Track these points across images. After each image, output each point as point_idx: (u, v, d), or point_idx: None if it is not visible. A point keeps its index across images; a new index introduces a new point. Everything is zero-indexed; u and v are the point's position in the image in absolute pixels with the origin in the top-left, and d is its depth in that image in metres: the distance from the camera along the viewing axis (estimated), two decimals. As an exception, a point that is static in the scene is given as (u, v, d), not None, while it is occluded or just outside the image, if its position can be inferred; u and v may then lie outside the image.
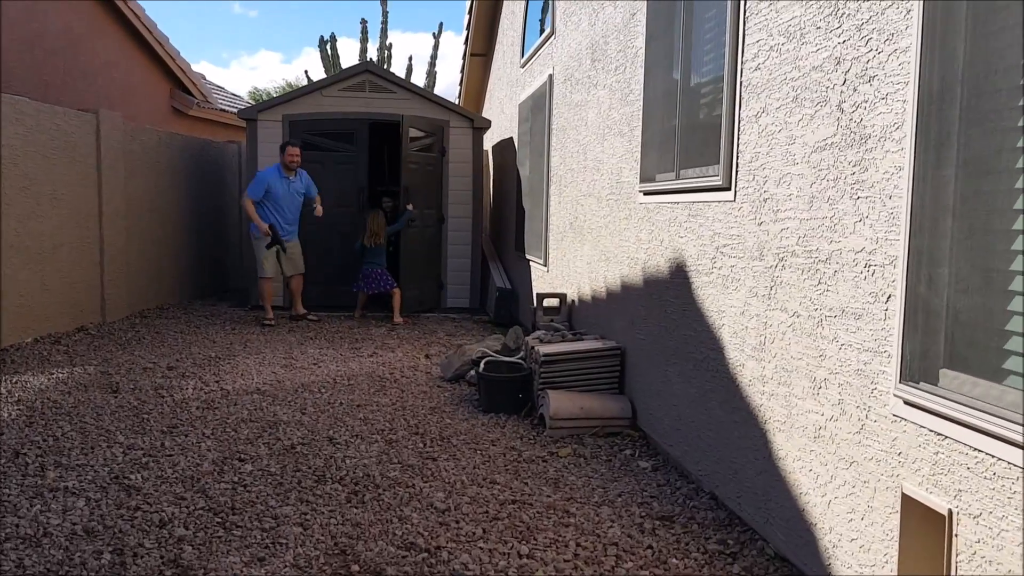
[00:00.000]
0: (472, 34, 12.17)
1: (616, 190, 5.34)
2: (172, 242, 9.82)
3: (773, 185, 3.24)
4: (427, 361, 6.94)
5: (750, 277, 3.43)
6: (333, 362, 6.78)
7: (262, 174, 8.59)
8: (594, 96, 5.94)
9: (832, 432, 2.80)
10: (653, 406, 4.64)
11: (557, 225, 7.13)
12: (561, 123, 6.98)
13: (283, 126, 9.51)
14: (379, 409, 5.30)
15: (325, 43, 18.59)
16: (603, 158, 5.66)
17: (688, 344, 4.11)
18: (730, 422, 3.63)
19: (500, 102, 11.15)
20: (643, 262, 4.78)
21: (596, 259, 5.83)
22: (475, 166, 9.86)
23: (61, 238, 7.52)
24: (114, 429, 4.70)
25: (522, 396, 5.31)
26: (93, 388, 5.63)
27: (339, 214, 9.67)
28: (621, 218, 5.21)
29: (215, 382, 5.92)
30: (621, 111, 5.27)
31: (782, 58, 3.19)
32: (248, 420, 4.97)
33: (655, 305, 4.59)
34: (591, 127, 6.00)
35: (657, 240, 4.54)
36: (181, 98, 13.47)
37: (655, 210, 4.58)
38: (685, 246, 4.14)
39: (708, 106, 3.93)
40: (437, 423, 5.03)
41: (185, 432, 4.68)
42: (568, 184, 6.71)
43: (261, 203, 8.51)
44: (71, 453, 4.26)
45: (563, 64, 6.95)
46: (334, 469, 4.13)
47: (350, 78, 9.64)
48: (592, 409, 4.86)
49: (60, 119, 7.49)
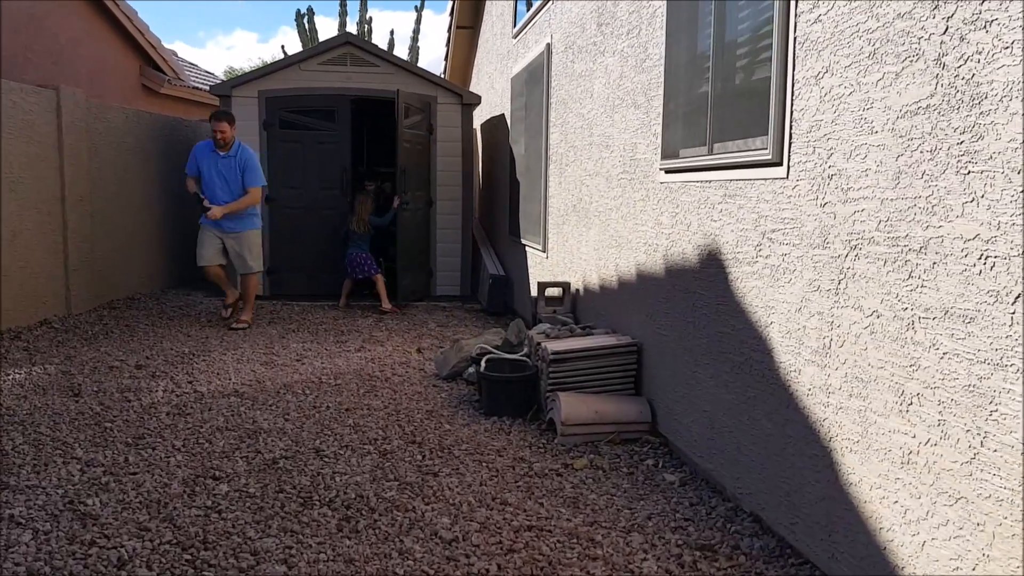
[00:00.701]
0: (458, 4, 11.55)
1: (630, 168, 4.83)
2: (142, 227, 9.20)
3: (841, 159, 2.73)
4: (419, 356, 6.42)
5: (809, 268, 2.94)
6: (318, 358, 6.25)
7: (194, 148, 7.58)
8: (601, 65, 5.40)
9: (928, 460, 2.31)
10: (678, 411, 4.15)
11: (557, 208, 6.61)
12: (561, 96, 6.45)
13: (259, 103, 8.90)
14: (370, 413, 4.78)
15: (302, 17, 17.88)
16: (613, 133, 5.14)
17: (724, 343, 3.62)
18: (781, 436, 3.14)
19: (490, 77, 10.58)
20: (664, 249, 4.28)
21: (605, 245, 5.32)
22: (464, 145, 9.31)
23: (19, 224, 6.90)
24: (72, 441, 4.15)
25: (528, 397, 4.82)
26: (52, 391, 5.07)
27: (322, 197, 9.11)
28: (636, 200, 4.70)
29: (188, 383, 5.37)
30: (636, 80, 4.74)
31: (852, 6, 2.67)
32: (224, 428, 4.43)
33: (680, 298, 4.10)
34: (598, 99, 5.47)
35: (683, 224, 4.03)
36: (152, 75, 12.78)
37: (680, 190, 4.07)
38: (720, 231, 3.63)
39: (750, 68, 3.41)
40: (436, 430, 4.52)
41: (152, 444, 4.14)
42: (570, 163, 6.18)
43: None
44: (21, 471, 3.72)
45: (563, 31, 6.40)
46: (322, 489, 3.61)
47: (330, 51, 9.04)
48: (608, 413, 4.37)
49: (16, 95, 6.85)
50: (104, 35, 11.52)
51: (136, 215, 9.04)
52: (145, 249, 9.30)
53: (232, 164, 7.32)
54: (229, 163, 7.31)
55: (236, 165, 7.32)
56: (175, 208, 9.84)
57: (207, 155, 7.35)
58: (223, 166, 7.32)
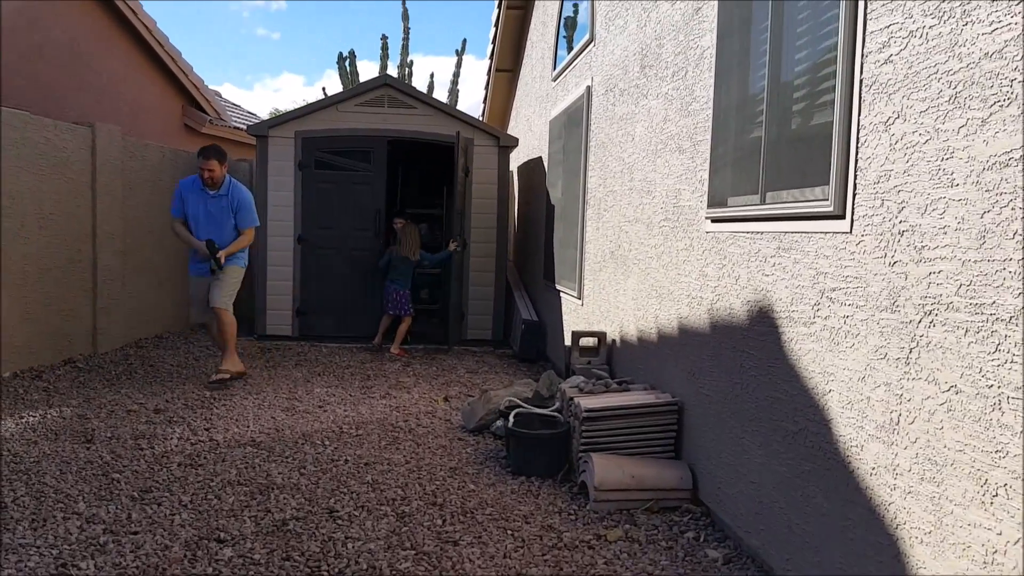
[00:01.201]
0: (498, 47, 11.46)
1: (673, 216, 4.56)
2: (174, 266, 9.10)
3: (915, 213, 2.44)
4: (446, 405, 6.14)
5: (875, 333, 2.62)
6: (341, 405, 6.00)
7: (179, 185, 6.62)
8: (643, 107, 5.17)
9: (1018, 562, 1.97)
10: (722, 479, 3.82)
11: (594, 254, 6.34)
12: (601, 139, 6.22)
13: (295, 143, 8.81)
14: (390, 469, 4.51)
15: (344, 60, 18.00)
16: (655, 178, 4.88)
17: (775, 409, 3.30)
18: (839, 517, 2.80)
19: (528, 119, 10.42)
20: (710, 303, 3.98)
21: (644, 294, 5.03)
22: (500, 187, 9.12)
23: (48, 262, 6.82)
24: (76, 493, 3.93)
25: (559, 456, 4.51)
26: (64, 436, 4.88)
27: (354, 238, 8.95)
28: (679, 249, 4.42)
29: (205, 430, 5.15)
30: (680, 123, 4.49)
31: (929, 45, 2.40)
32: (236, 482, 4.19)
33: (727, 356, 3.79)
34: (639, 143, 5.23)
35: (731, 277, 3.74)
36: (194, 115, 12.85)
37: (728, 241, 3.78)
38: (773, 287, 3.34)
39: (808, 112, 3.14)
40: (459, 489, 4.23)
41: (159, 499, 3.91)
42: (609, 208, 5.93)
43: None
44: (18, 528, 3.50)
45: (604, 73, 6.20)
46: (332, 557, 3.33)
47: (368, 92, 8.94)
48: (645, 478, 4.05)
49: (50, 132, 6.82)
50: (147, 74, 11.61)
51: (168, 254, 8.95)
52: (176, 288, 9.20)
53: (224, 204, 6.52)
54: (220, 203, 6.50)
55: (228, 205, 6.54)
56: (208, 246, 9.76)
57: (195, 194, 6.50)
58: (213, 206, 6.49)
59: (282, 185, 8.81)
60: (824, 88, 2.99)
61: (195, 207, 6.47)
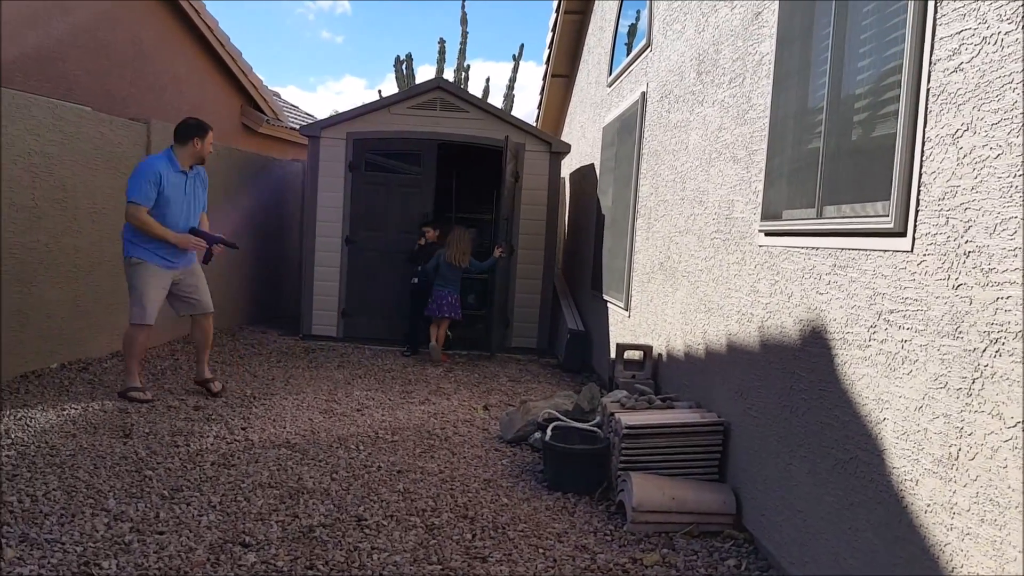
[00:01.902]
0: (554, 52, 11.35)
1: (725, 228, 4.38)
2: (224, 264, 9.16)
3: (983, 233, 2.25)
4: (485, 414, 6.03)
5: (935, 360, 2.43)
6: (379, 409, 5.94)
7: (147, 164, 5.66)
8: (699, 115, 5.00)
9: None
10: (766, 505, 3.63)
11: (643, 264, 6.18)
12: (654, 147, 6.06)
13: (347, 144, 8.82)
14: (423, 479, 4.41)
15: (401, 63, 18.09)
16: (708, 188, 4.71)
17: (825, 435, 3.11)
18: (889, 555, 2.61)
19: (581, 126, 10.29)
20: (760, 320, 3.80)
21: (693, 309, 4.86)
22: (550, 193, 8.99)
23: (100, 256, 6.90)
24: (107, 489, 3.91)
25: (597, 473, 4.36)
26: (103, 430, 4.89)
27: (401, 241, 8.91)
28: (731, 262, 4.25)
29: (241, 429, 5.13)
30: (736, 132, 4.32)
31: (1005, 52, 2.21)
32: (267, 485, 4.13)
33: (776, 377, 3.60)
34: (693, 152, 5.06)
35: (783, 294, 3.56)
36: (252, 115, 13.01)
37: (781, 256, 3.60)
38: (827, 306, 3.15)
39: (870, 123, 2.95)
40: (491, 503, 4.11)
41: (188, 499, 3.87)
42: (659, 218, 5.76)
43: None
44: (45, 522, 3.48)
45: (660, 79, 6.04)
46: (356, 569, 3.24)
47: (420, 95, 8.91)
48: (686, 501, 3.87)
49: (105, 127, 6.91)
50: (208, 74, 11.78)
51: (218, 250, 9.02)
52: (225, 285, 9.26)
53: (196, 183, 5.95)
54: (193, 183, 5.90)
55: (199, 184, 6.00)
56: (258, 246, 9.83)
57: (174, 175, 5.72)
58: (190, 187, 5.86)
59: (332, 186, 8.82)
60: (888, 98, 2.80)
61: (174, 190, 5.72)
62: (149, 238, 5.62)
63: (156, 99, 10.35)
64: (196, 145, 5.78)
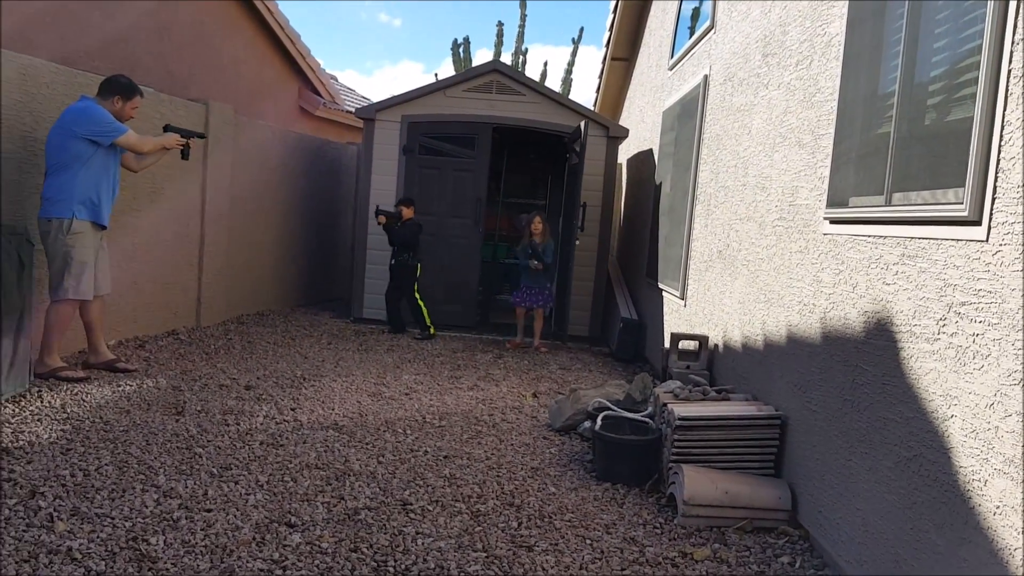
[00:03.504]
0: (615, 35, 11.15)
1: (788, 215, 4.21)
2: (278, 245, 9.27)
3: (1076, 220, 2.08)
4: (534, 401, 5.95)
5: (1009, 355, 2.27)
6: (427, 393, 5.90)
7: (94, 106, 5.32)
8: (763, 98, 4.82)
9: None
10: (824, 501, 3.48)
11: (701, 252, 6.02)
12: (715, 131, 5.88)
13: (401, 127, 8.80)
14: (470, 464, 4.35)
15: (459, 46, 18.03)
16: (771, 174, 4.54)
17: (888, 432, 2.96)
18: (954, 558, 2.46)
19: (640, 110, 10.09)
20: (823, 311, 3.64)
21: (752, 299, 4.70)
22: (607, 179, 8.85)
23: (158, 235, 7.00)
24: (158, 466, 3.94)
25: (647, 464, 4.25)
26: (156, 407, 4.94)
27: (453, 225, 8.87)
28: (793, 251, 4.08)
29: (291, 410, 5.14)
30: (802, 116, 4.14)
31: (1106, 22, 2.03)
32: (314, 466, 4.12)
33: (838, 370, 3.45)
34: (756, 136, 4.89)
35: (847, 284, 3.39)
36: (309, 98, 13.09)
37: (847, 244, 3.43)
38: (893, 297, 2.99)
39: (945, 107, 2.78)
40: (538, 492, 4.03)
41: (236, 477, 3.87)
42: (719, 204, 5.59)
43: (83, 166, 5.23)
44: (96, 496, 3.51)
45: (723, 62, 5.85)
46: (400, 553, 3.19)
47: (476, 78, 8.84)
48: (740, 495, 3.74)
49: (165, 107, 6.98)
50: (267, 56, 11.87)
51: (273, 232, 9.11)
52: (279, 266, 9.36)
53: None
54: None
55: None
56: (311, 228, 9.90)
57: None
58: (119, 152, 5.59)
59: (386, 169, 8.81)
60: (965, 80, 2.62)
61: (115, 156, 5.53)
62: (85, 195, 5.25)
63: (215, 81, 10.46)
64: (116, 103, 5.44)
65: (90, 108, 5.32)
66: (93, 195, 5.35)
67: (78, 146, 5.24)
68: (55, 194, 5.23)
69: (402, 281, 8.38)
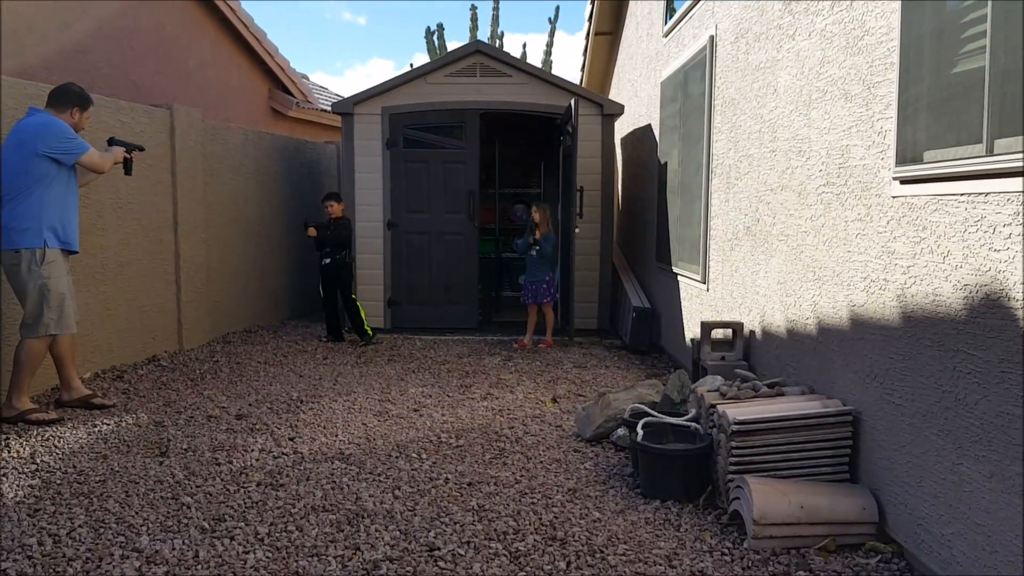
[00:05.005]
0: (597, 8, 10.58)
1: (837, 179, 3.69)
2: (261, 255, 8.68)
3: None
4: (555, 407, 5.42)
5: None
6: (438, 407, 5.36)
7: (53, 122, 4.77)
8: (790, 51, 4.29)
9: None
10: (925, 513, 2.97)
11: (723, 230, 5.49)
12: (730, 95, 5.35)
13: (382, 120, 8.21)
14: (498, 491, 3.82)
15: (432, 34, 17.41)
16: (809, 135, 4.01)
17: (1012, 430, 2.44)
18: None
19: (633, 84, 9.54)
20: (899, 287, 3.12)
21: (796, 277, 4.19)
22: (604, 160, 8.30)
23: (128, 255, 6.41)
24: (139, 523, 3.39)
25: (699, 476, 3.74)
26: (137, 448, 4.39)
27: (447, 221, 8.32)
28: (849, 220, 3.56)
29: (289, 439, 4.59)
30: (845, 64, 3.62)
31: None
32: (321, 508, 3.58)
33: (929, 356, 2.93)
34: (784, 94, 4.36)
35: (934, 254, 2.87)
36: (280, 98, 12.48)
37: (930, 207, 2.91)
38: (1006, 268, 2.47)
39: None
40: (581, 518, 3.50)
41: (231, 531, 3.32)
42: (743, 175, 5.07)
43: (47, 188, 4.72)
44: (68, 569, 2.96)
45: (733, 18, 5.31)
46: (434, 618, 2.66)
47: (458, 61, 8.25)
48: (818, 509, 3.23)
49: (125, 115, 6.39)
50: (233, 58, 11.26)
51: (255, 242, 8.53)
52: (264, 278, 8.79)
53: None
54: None
55: None
56: (295, 235, 9.30)
57: None
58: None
59: (369, 166, 8.24)
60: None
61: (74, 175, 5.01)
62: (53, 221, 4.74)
63: (182, 86, 9.86)
64: (74, 115, 4.93)
65: (51, 123, 4.78)
66: (61, 219, 4.83)
67: (41, 166, 4.71)
68: (20, 222, 4.70)
69: (338, 282, 7.83)
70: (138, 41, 9.00)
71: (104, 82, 8.19)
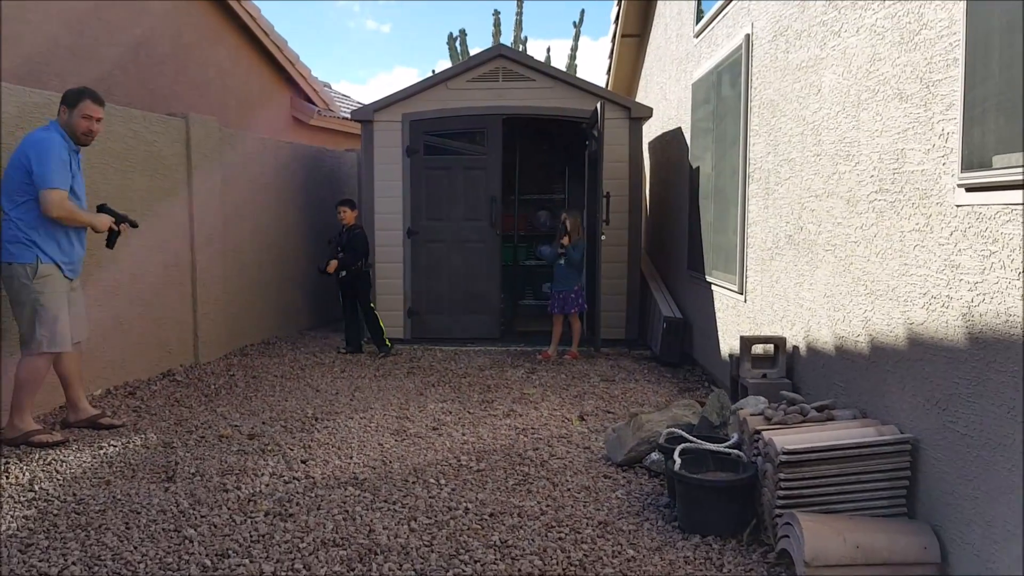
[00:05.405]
0: (623, 10, 10.29)
1: (891, 185, 3.39)
2: (279, 265, 8.49)
3: None
4: (582, 426, 5.14)
5: None
6: (458, 425, 5.10)
7: (50, 140, 4.52)
8: (836, 49, 4.00)
9: None
10: (999, 557, 2.65)
11: (762, 239, 5.19)
12: (768, 97, 5.05)
13: (403, 127, 7.99)
14: (522, 524, 3.54)
15: (454, 40, 17.21)
16: (859, 138, 3.71)
17: (1117, 474, 2.13)
18: None
19: (661, 87, 9.24)
20: (966, 304, 2.82)
21: (844, 291, 3.88)
22: (632, 166, 8.02)
23: (141, 267, 6.22)
24: (137, 560, 3.16)
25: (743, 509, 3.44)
26: (142, 473, 4.17)
27: (468, 229, 8.07)
28: (906, 230, 3.25)
29: (301, 462, 4.36)
30: (900, 61, 3.32)
31: None
32: (331, 542, 3.32)
33: (1000, 380, 2.62)
34: (829, 95, 4.06)
35: (1009, 269, 2.57)
36: (302, 107, 12.30)
37: (1001, 217, 2.61)
38: (1108, 285, 2.16)
39: None
40: (614, 557, 3.22)
41: (234, 569, 3.08)
42: (783, 180, 4.77)
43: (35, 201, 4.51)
44: (56, 613, 2.73)
45: (770, 15, 5.02)
46: (451, 677, 2.39)
47: (480, 66, 8.02)
48: (875, 549, 2.92)
49: (138, 124, 6.21)
50: (254, 66, 11.09)
51: (273, 252, 8.34)
52: (283, 288, 8.59)
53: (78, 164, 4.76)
54: (79, 162, 4.77)
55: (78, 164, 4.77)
56: (314, 244, 9.10)
57: (73, 158, 4.66)
58: (78, 168, 4.75)
59: (389, 174, 8.02)
60: None
61: (76, 172, 4.72)
62: (51, 236, 4.56)
63: (201, 95, 9.69)
64: (63, 115, 4.64)
65: (40, 140, 4.56)
66: (58, 236, 4.61)
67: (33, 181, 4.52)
68: (15, 235, 4.53)
69: (356, 293, 7.64)
70: (155, 49, 8.84)
71: (121, 92, 8.04)
